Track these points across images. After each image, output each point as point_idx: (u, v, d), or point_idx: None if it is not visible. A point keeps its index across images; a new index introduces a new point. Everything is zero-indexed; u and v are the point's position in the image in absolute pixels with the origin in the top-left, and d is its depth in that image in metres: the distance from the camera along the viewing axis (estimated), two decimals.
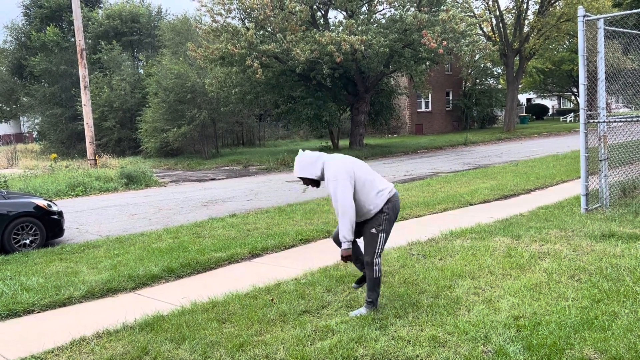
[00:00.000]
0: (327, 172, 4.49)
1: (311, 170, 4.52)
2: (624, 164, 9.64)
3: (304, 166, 4.53)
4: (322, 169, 4.52)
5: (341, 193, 4.39)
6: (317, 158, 4.55)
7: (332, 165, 4.48)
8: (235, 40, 22.14)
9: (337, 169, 4.44)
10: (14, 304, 5.56)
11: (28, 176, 18.90)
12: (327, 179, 4.48)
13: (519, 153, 22.42)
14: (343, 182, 4.40)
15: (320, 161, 4.53)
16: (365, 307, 4.70)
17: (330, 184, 4.44)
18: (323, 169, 4.52)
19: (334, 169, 4.45)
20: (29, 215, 8.68)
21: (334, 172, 4.44)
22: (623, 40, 9.37)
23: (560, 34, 35.34)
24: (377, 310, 4.64)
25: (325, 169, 4.51)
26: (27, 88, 37.56)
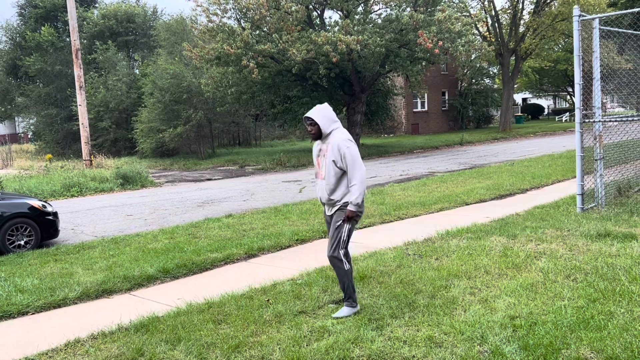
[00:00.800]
0: (341, 135, 4.63)
1: (326, 123, 4.66)
2: (620, 164, 9.66)
3: (325, 115, 4.67)
4: (332, 130, 4.67)
5: (359, 156, 4.59)
6: (336, 121, 4.73)
7: (345, 132, 4.70)
8: (231, 40, 22.10)
9: (350, 137, 4.66)
10: (8, 306, 5.53)
11: (23, 177, 18.82)
12: (340, 141, 4.56)
13: (515, 153, 22.46)
14: (356, 148, 4.62)
15: (336, 124, 4.71)
16: (347, 307, 4.71)
17: (345, 145, 4.55)
18: (333, 131, 4.67)
19: (347, 136, 4.66)
20: (23, 216, 8.63)
21: (349, 137, 4.64)
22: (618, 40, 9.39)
23: (556, 34, 35.41)
24: (356, 306, 4.72)
25: (337, 132, 4.67)
26: (22, 88, 37.42)
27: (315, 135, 4.71)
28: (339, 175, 4.62)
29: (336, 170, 4.60)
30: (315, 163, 4.88)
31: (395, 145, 30.02)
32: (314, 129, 4.69)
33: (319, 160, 4.78)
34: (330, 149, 4.61)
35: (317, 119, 4.63)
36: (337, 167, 4.59)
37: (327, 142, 4.67)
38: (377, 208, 10.22)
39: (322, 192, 4.74)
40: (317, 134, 4.70)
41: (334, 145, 4.59)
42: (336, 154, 4.57)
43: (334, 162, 4.59)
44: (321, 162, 4.74)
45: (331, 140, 4.64)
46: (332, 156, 4.59)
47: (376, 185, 14.55)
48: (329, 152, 4.61)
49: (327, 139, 4.68)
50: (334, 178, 4.62)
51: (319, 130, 4.67)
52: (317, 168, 4.82)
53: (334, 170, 4.60)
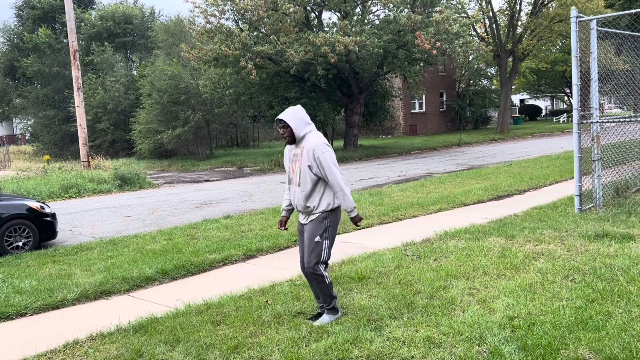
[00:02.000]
0: (316, 139, 4.40)
1: (299, 125, 4.42)
2: (617, 164, 9.69)
3: (298, 117, 4.43)
4: (306, 134, 4.44)
5: (335, 161, 4.38)
6: (310, 123, 4.51)
7: (320, 136, 4.47)
8: (229, 41, 22.10)
9: (325, 141, 4.44)
10: (6, 307, 5.52)
11: (21, 178, 18.79)
12: (316, 145, 4.34)
13: (513, 154, 22.49)
14: (333, 153, 4.42)
15: (310, 127, 4.48)
16: (327, 315, 4.57)
17: (320, 150, 4.32)
18: (307, 135, 4.44)
19: (323, 139, 4.43)
20: (21, 217, 8.62)
21: (324, 141, 4.42)
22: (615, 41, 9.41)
23: (553, 35, 35.50)
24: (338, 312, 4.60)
25: (312, 135, 4.44)
26: (20, 89, 37.38)
27: (289, 139, 4.45)
28: (315, 181, 4.38)
29: (312, 176, 4.36)
30: (287, 169, 4.60)
31: (393, 146, 30.04)
32: (286, 132, 4.42)
33: (293, 165, 4.51)
34: (305, 153, 4.37)
35: (290, 122, 4.38)
36: (313, 173, 4.36)
37: (301, 146, 4.43)
38: (375, 209, 10.23)
39: (298, 200, 4.47)
40: (291, 138, 4.43)
41: (309, 149, 4.35)
42: (311, 159, 4.34)
43: (309, 168, 4.36)
44: (295, 168, 4.48)
45: (306, 144, 4.39)
46: (307, 161, 4.36)
47: (374, 186, 14.56)
48: (304, 156, 4.38)
49: (301, 142, 4.44)
50: (310, 184, 4.38)
51: (292, 134, 4.41)
52: (292, 174, 4.54)
53: (310, 176, 4.37)
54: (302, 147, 4.41)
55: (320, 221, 4.44)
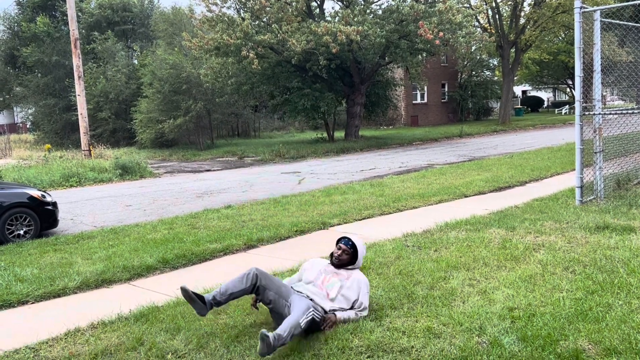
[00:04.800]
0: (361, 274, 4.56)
1: (360, 261, 4.59)
2: (619, 156, 9.67)
3: (363, 253, 4.60)
4: (358, 267, 4.60)
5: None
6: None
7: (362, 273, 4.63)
8: (231, 30, 22.01)
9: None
10: (8, 295, 5.54)
11: (22, 167, 18.80)
12: (367, 282, 4.50)
13: (514, 145, 22.45)
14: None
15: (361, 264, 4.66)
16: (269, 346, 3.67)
17: (368, 287, 4.48)
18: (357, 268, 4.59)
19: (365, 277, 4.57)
20: (23, 206, 8.63)
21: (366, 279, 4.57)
22: (619, 32, 9.37)
23: (556, 26, 35.33)
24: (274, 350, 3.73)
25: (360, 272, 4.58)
26: (20, 78, 37.26)
27: (341, 263, 4.50)
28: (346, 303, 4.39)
29: (348, 301, 4.38)
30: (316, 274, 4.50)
31: (394, 137, 29.99)
32: (346, 257, 4.51)
33: (329, 277, 4.46)
34: (353, 279, 4.44)
35: (360, 252, 4.53)
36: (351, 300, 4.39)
37: (347, 272, 4.50)
38: (376, 200, 10.23)
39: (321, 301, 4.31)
40: (346, 263, 4.51)
41: (359, 280, 4.45)
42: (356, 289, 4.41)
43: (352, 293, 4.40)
44: (332, 280, 4.43)
45: (355, 274, 4.49)
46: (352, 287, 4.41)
47: (375, 177, 14.56)
48: (351, 282, 4.41)
49: (348, 270, 4.52)
50: (345, 304, 4.37)
51: (350, 261, 4.53)
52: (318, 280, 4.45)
53: (347, 300, 4.38)
54: (350, 273, 4.48)
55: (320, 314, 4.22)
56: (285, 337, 3.72)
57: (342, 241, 4.56)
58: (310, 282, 4.47)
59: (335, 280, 4.43)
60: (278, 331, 3.72)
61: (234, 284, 4.30)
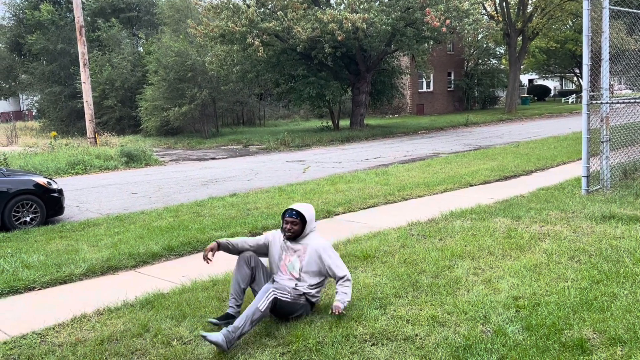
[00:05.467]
0: (321, 239, 4.38)
1: (312, 224, 4.37)
2: (626, 146, 9.61)
3: (311, 216, 4.36)
4: (309, 232, 4.36)
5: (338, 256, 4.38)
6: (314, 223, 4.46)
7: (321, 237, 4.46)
8: (236, 17, 21.91)
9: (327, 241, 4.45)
10: (15, 281, 5.58)
11: (28, 154, 18.86)
12: (324, 245, 4.32)
13: (520, 134, 22.35)
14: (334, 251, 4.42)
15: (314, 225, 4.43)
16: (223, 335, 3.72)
17: (329, 249, 4.32)
18: (311, 231, 4.38)
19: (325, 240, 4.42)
20: (29, 193, 8.67)
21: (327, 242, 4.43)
22: (628, 20, 9.27)
23: (564, 14, 34.97)
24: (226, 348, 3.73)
25: (315, 235, 4.39)
26: (26, 66, 37.25)
27: (300, 229, 4.28)
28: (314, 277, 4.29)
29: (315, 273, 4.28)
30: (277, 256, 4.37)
31: (399, 125, 29.89)
32: (296, 223, 4.26)
33: (289, 257, 4.32)
34: (308, 251, 4.28)
35: (305, 214, 4.27)
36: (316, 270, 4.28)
37: (301, 243, 4.31)
38: (381, 189, 10.22)
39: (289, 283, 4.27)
40: (301, 228, 4.29)
41: (316, 249, 4.28)
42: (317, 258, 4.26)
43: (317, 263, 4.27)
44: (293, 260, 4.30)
45: (310, 242, 4.31)
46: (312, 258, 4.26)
47: (380, 165, 14.54)
48: (307, 254, 4.27)
49: (302, 240, 4.32)
50: (312, 279, 4.28)
51: (302, 224, 4.28)
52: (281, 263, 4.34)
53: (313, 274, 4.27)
54: (305, 245, 4.31)
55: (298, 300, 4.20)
56: (242, 326, 3.79)
57: (286, 214, 4.30)
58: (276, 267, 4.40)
59: (294, 259, 4.31)
60: (235, 324, 3.81)
61: (241, 276, 4.34)
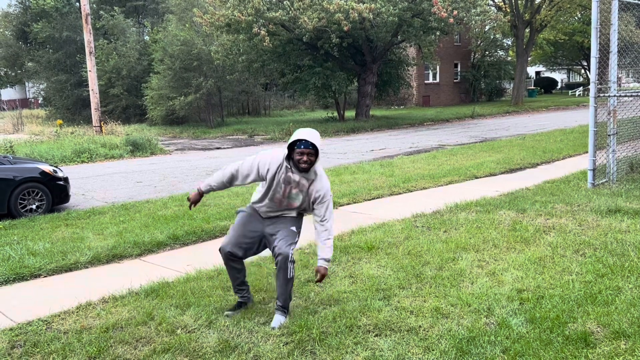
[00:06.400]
0: (326, 182, 4.12)
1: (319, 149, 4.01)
2: (633, 139, 9.55)
3: (319, 140, 3.98)
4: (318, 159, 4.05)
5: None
6: None
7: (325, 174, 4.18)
8: (242, 7, 21.82)
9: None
10: (21, 268, 5.61)
11: (34, 142, 18.92)
12: (327, 190, 4.09)
13: (527, 127, 22.24)
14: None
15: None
16: (281, 315, 4.06)
17: (330, 201, 4.12)
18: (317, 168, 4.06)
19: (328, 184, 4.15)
20: (35, 181, 8.70)
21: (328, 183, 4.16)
22: (637, 12, 9.18)
23: (573, 6, 34.66)
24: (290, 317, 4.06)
25: (320, 169, 4.10)
26: (32, 54, 37.25)
27: (308, 168, 3.94)
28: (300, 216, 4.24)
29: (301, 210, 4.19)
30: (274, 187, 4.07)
31: (405, 117, 29.80)
32: (310, 159, 3.92)
33: (289, 189, 4.06)
34: (314, 188, 4.04)
35: (317, 143, 3.92)
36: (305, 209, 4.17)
37: (307, 178, 4.02)
38: (385, 180, 10.21)
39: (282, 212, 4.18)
40: (315, 158, 3.94)
41: (321, 189, 4.04)
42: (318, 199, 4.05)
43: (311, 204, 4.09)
44: (294, 193, 4.07)
45: (319, 181, 4.05)
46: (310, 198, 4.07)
47: (385, 157, 14.51)
48: (310, 192, 4.05)
49: (310, 174, 4.02)
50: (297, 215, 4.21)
51: (316, 154, 3.94)
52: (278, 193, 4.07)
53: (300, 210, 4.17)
54: (312, 180, 4.04)
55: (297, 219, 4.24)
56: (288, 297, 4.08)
57: (301, 146, 3.90)
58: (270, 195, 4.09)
59: (295, 192, 4.06)
60: (280, 303, 4.08)
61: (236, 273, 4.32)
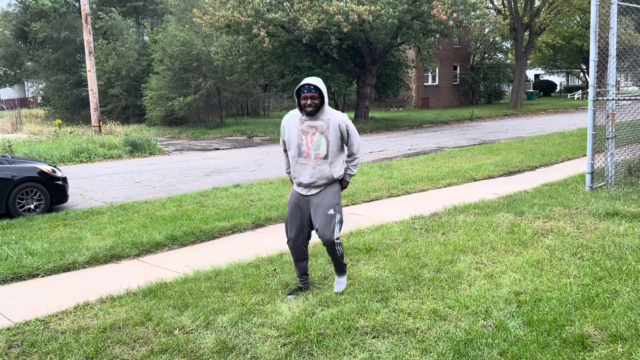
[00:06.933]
0: (339, 113, 4.40)
1: (326, 93, 4.34)
2: (631, 143, 9.57)
3: (324, 86, 4.35)
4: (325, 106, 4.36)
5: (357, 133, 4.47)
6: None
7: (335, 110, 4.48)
8: (242, 8, 21.83)
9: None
10: (18, 268, 5.61)
11: (32, 141, 18.90)
12: (341, 118, 4.34)
13: (525, 129, 22.27)
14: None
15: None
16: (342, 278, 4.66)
17: (346, 122, 4.35)
18: (325, 108, 4.35)
19: (342, 113, 4.45)
20: (33, 180, 8.69)
21: (344, 114, 4.47)
22: (636, 16, 9.20)
23: (572, 9, 34.72)
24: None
25: (331, 109, 4.40)
26: (31, 53, 37.22)
27: (314, 110, 4.25)
28: (338, 152, 4.39)
29: (338, 147, 4.36)
30: (297, 141, 4.36)
31: (404, 119, 29.82)
32: (315, 102, 4.24)
33: (308, 137, 4.32)
34: (332, 125, 4.30)
35: (323, 91, 4.27)
36: (340, 144, 4.38)
37: (322, 118, 4.31)
38: (384, 182, 10.21)
39: (312, 172, 4.34)
40: (316, 109, 4.26)
41: (338, 122, 4.31)
42: (342, 130, 4.33)
43: (340, 139, 4.34)
44: (312, 140, 4.32)
45: (330, 116, 4.32)
46: (336, 132, 4.31)
47: (384, 159, 14.52)
48: (332, 129, 4.29)
49: (321, 115, 4.31)
50: (335, 156, 4.36)
51: (321, 99, 4.26)
52: (303, 146, 4.34)
53: (337, 147, 4.35)
54: (327, 119, 4.31)
55: (334, 194, 4.42)
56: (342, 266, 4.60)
57: (303, 91, 4.25)
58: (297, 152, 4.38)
59: (318, 137, 4.32)
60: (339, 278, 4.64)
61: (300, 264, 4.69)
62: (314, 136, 4.31)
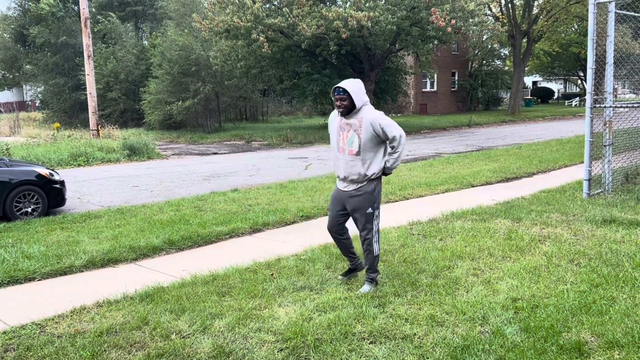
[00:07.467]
0: (374, 112, 4.55)
1: (361, 96, 4.52)
2: (628, 150, 9.61)
3: (359, 89, 4.53)
4: (362, 106, 4.53)
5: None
6: (366, 97, 4.63)
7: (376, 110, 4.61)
8: (241, 13, 21.89)
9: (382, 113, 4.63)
10: (15, 271, 5.59)
11: (30, 145, 18.87)
12: (374, 116, 4.49)
13: (523, 136, 22.33)
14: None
15: (366, 99, 4.60)
16: (368, 284, 4.79)
17: (379, 120, 4.47)
18: (363, 107, 4.54)
19: (380, 112, 4.59)
20: (31, 184, 8.68)
21: (382, 113, 4.60)
22: (633, 24, 9.25)
23: (570, 17, 34.88)
24: (377, 288, 4.75)
25: (369, 108, 4.55)
26: (30, 56, 37.22)
27: (345, 111, 4.51)
28: (374, 150, 4.53)
29: (372, 145, 4.51)
30: (336, 137, 4.67)
31: (402, 125, 29.62)
32: (344, 103, 4.49)
33: (344, 134, 4.59)
34: (364, 124, 4.48)
35: (351, 92, 4.45)
36: (375, 142, 4.51)
37: (357, 117, 4.52)
38: (382, 187, 10.21)
39: (347, 167, 4.59)
40: (348, 109, 4.51)
41: (371, 121, 4.47)
42: (376, 129, 4.46)
43: (372, 137, 4.49)
44: (347, 136, 4.57)
45: (365, 115, 4.50)
46: (369, 132, 4.47)
47: None
48: (364, 127, 4.47)
49: (357, 114, 4.53)
50: (369, 152, 4.51)
51: (352, 102, 4.48)
52: (341, 142, 4.62)
53: (370, 144, 4.50)
54: (360, 118, 4.51)
55: (371, 192, 4.61)
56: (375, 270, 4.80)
57: (335, 93, 4.53)
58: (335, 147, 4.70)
59: (351, 135, 4.56)
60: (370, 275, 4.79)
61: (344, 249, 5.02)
62: (348, 133, 4.58)
